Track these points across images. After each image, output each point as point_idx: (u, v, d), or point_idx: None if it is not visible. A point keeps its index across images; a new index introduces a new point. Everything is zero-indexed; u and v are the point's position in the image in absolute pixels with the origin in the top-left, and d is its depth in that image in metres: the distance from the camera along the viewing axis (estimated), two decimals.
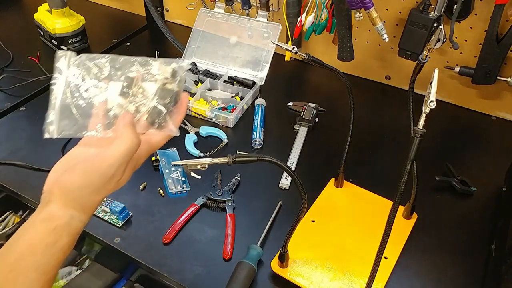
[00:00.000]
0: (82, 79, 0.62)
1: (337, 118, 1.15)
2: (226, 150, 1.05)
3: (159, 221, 0.89)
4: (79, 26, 1.36)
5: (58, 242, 0.52)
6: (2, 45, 1.39)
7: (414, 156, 0.57)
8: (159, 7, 1.50)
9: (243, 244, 0.83)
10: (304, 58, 0.75)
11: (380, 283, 0.76)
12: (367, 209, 0.89)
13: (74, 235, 0.54)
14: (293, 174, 0.61)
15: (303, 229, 0.84)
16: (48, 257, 0.51)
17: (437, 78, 0.57)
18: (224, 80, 1.22)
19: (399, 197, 0.58)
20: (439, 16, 1.00)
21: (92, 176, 0.54)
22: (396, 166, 0.61)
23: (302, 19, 1.13)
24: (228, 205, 0.91)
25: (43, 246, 0.51)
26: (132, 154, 0.55)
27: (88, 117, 0.61)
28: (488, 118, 1.16)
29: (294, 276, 0.77)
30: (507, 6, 0.95)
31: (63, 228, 0.52)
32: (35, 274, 0.50)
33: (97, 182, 0.54)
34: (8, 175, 0.98)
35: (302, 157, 1.03)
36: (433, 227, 0.88)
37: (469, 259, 0.83)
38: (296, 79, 1.33)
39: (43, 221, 0.52)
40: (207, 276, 0.79)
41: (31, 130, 1.11)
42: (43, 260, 0.51)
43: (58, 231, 0.52)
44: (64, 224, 0.52)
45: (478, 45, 1.06)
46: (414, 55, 1.06)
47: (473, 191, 0.94)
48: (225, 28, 1.28)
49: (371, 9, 0.98)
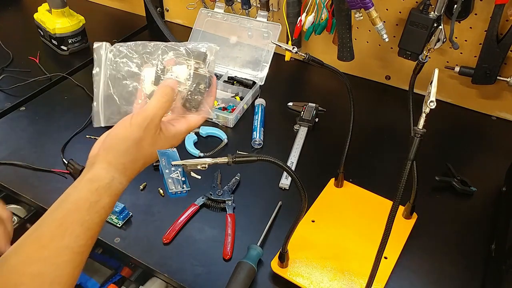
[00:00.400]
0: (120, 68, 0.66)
1: (337, 118, 1.15)
2: (226, 150, 1.05)
3: (159, 221, 0.89)
4: (79, 26, 1.36)
5: (100, 201, 0.57)
6: (2, 45, 1.39)
7: (414, 156, 0.57)
8: (159, 7, 1.50)
9: (243, 244, 0.83)
10: (304, 58, 0.75)
11: (380, 283, 0.76)
12: (367, 209, 0.89)
13: (113, 196, 0.59)
14: (293, 174, 0.61)
15: (303, 229, 0.84)
16: (92, 215, 0.56)
17: (437, 78, 0.57)
18: (224, 80, 1.23)
19: (399, 197, 0.58)
20: (439, 16, 1.00)
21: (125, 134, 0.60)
22: (396, 166, 0.61)
23: (302, 19, 1.13)
24: (228, 205, 0.91)
25: (87, 204, 0.56)
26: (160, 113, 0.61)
27: (130, 103, 0.66)
28: (488, 118, 1.16)
29: (294, 276, 0.77)
30: (507, 6, 0.95)
31: (104, 189, 0.58)
32: (80, 229, 0.55)
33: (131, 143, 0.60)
34: (8, 175, 0.98)
35: (302, 157, 1.03)
36: (433, 227, 0.88)
37: (469, 259, 0.83)
38: (296, 79, 1.33)
39: (87, 182, 0.58)
40: (207, 276, 0.79)
41: (31, 130, 1.11)
42: (87, 217, 0.56)
43: (100, 191, 0.57)
44: (106, 185, 0.58)
45: (478, 45, 1.06)
46: (414, 55, 1.06)
47: (473, 191, 0.94)
48: (225, 28, 1.28)
49: (371, 9, 0.98)
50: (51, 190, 0.94)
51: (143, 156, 0.62)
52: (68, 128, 1.09)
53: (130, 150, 0.60)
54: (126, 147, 0.60)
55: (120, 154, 0.60)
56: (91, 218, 0.56)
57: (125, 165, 0.60)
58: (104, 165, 0.59)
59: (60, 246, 0.54)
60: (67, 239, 0.54)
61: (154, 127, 0.61)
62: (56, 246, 0.54)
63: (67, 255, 0.54)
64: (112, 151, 0.60)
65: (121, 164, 0.60)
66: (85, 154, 0.61)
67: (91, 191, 0.57)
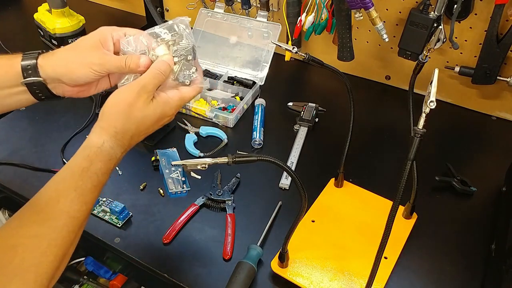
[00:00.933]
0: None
1: (337, 118, 1.15)
2: (226, 150, 1.05)
3: (159, 221, 0.89)
4: (79, 26, 1.36)
5: (92, 166, 0.60)
6: (2, 45, 1.39)
7: (414, 156, 0.57)
8: (159, 7, 1.50)
9: (243, 244, 0.83)
10: (304, 58, 0.75)
11: (380, 283, 0.76)
12: (367, 209, 0.89)
13: (106, 162, 0.61)
14: (293, 174, 0.61)
15: (303, 229, 0.84)
16: (85, 180, 0.59)
17: (437, 78, 0.57)
18: (224, 80, 1.22)
19: (399, 197, 0.58)
20: (439, 16, 1.00)
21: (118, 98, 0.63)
22: (396, 166, 0.61)
23: (302, 19, 1.13)
24: (228, 205, 0.91)
25: (80, 170, 0.59)
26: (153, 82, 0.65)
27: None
28: (488, 118, 1.16)
29: (294, 276, 0.77)
30: (507, 6, 0.95)
31: (96, 154, 0.61)
32: (74, 193, 0.58)
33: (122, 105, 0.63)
34: (8, 175, 0.98)
35: (302, 157, 1.03)
36: (433, 227, 0.88)
37: (469, 259, 0.83)
38: (296, 79, 1.33)
39: (81, 149, 0.62)
40: (207, 276, 0.79)
41: (31, 130, 1.11)
42: (80, 182, 0.59)
43: (91, 156, 0.60)
44: (97, 149, 0.61)
45: (478, 45, 1.06)
46: (414, 55, 1.06)
47: (473, 191, 0.94)
48: (225, 28, 1.28)
49: (371, 9, 0.98)
50: None
51: (134, 120, 0.64)
52: (68, 128, 1.09)
53: (121, 113, 0.63)
54: (116, 111, 0.63)
55: (111, 118, 0.63)
56: (84, 183, 0.59)
57: (116, 129, 0.62)
58: (97, 130, 0.63)
59: (55, 209, 0.57)
60: (61, 203, 0.57)
61: (146, 93, 0.64)
62: (51, 209, 0.57)
63: (63, 219, 0.57)
64: (104, 116, 0.63)
65: (112, 127, 0.62)
66: None
67: (83, 157, 0.60)
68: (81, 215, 0.59)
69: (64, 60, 0.67)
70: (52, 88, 0.69)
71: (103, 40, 0.68)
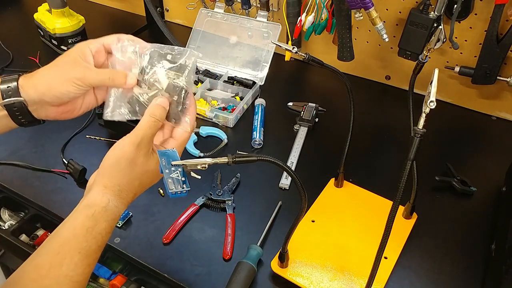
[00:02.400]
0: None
1: (337, 118, 1.15)
2: (226, 150, 1.05)
3: (159, 221, 0.89)
4: (79, 26, 1.36)
5: (97, 226, 0.57)
6: (2, 45, 1.39)
7: (414, 156, 0.57)
8: (159, 7, 1.50)
9: (243, 244, 0.83)
10: (304, 58, 0.75)
11: (380, 283, 0.76)
12: (367, 209, 0.89)
13: (110, 221, 0.59)
14: (293, 174, 0.61)
15: (303, 229, 0.84)
16: (89, 241, 0.57)
17: (437, 78, 0.57)
18: (224, 80, 1.23)
19: (399, 197, 0.58)
20: (439, 16, 1.00)
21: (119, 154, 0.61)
22: (396, 166, 0.61)
23: (302, 19, 1.13)
24: (228, 205, 0.91)
25: (84, 230, 0.57)
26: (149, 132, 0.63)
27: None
28: (488, 118, 1.16)
29: (294, 276, 0.77)
30: (507, 6, 0.95)
31: (100, 213, 0.58)
32: (78, 256, 0.55)
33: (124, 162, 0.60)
34: (8, 175, 0.98)
35: (302, 157, 1.03)
36: (433, 227, 0.88)
37: (469, 259, 0.83)
38: (296, 79, 1.33)
39: (84, 208, 0.58)
40: (207, 276, 0.79)
41: (31, 130, 1.10)
42: (85, 243, 0.56)
43: (96, 216, 0.58)
44: (102, 209, 0.58)
45: (478, 45, 1.06)
46: (414, 55, 1.06)
47: (473, 191, 0.94)
48: (225, 28, 1.28)
49: (371, 9, 0.98)
50: (51, 190, 0.94)
51: (138, 176, 0.62)
52: (68, 128, 1.09)
53: (124, 171, 0.61)
54: (120, 168, 0.60)
55: (114, 176, 0.60)
56: (89, 244, 0.57)
57: (121, 187, 0.61)
58: (100, 189, 0.60)
59: (59, 275, 0.54)
60: (65, 268, 0.54)
61: (146, 146, 0.62)
62: (55, 275, 0.54)
63: (66, 284, 0.54)
64: (107, 173, 0.61)
65: (116, 185, 0.60)
66: (85, 154, 0.61)
67: (87, 216, 0.57)
68: (84, 279, 0.56)
69: (45, 78, 0.65)
70: (34, 111, 0.67)
71: (82, 55, 0.66)
